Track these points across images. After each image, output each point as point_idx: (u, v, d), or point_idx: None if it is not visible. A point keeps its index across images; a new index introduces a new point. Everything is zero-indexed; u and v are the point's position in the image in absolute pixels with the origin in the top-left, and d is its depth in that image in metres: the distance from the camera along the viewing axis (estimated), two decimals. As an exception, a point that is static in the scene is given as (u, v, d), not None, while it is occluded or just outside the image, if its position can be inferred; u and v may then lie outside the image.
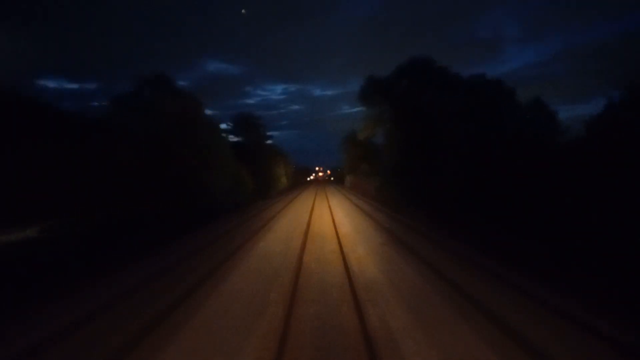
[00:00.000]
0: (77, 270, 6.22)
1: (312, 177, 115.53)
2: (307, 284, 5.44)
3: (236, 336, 3.65)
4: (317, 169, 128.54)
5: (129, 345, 3.51)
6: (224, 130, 22.49)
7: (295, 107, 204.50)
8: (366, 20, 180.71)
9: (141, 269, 6.48)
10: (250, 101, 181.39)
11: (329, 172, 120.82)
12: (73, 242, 7.64)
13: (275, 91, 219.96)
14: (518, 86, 17.11)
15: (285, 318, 4.08)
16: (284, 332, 3.72)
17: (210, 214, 13.29)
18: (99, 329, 3.90)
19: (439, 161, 15.40)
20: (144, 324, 3.97)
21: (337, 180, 73.91)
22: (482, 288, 5.08)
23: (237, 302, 4.67)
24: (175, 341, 3.56)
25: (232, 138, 22.90)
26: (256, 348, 3.40)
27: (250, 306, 4.50)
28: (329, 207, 17.26)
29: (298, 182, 55.88)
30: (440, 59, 17.73)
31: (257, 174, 21.83)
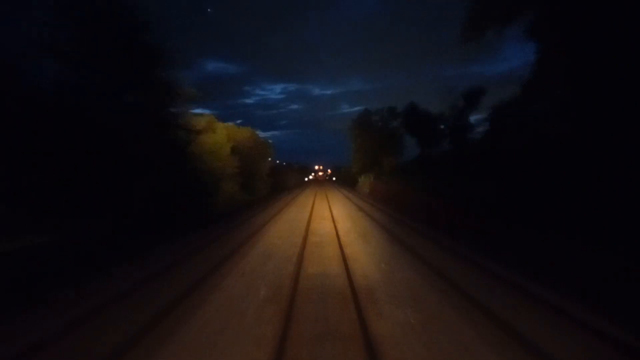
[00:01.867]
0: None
1: (311, 177, 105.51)
2: None
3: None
4: (316, 167, 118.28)
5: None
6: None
7: (295, 106, 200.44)
8: (366, 20, 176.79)
9: None
10: (249, 101, 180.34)
11: (329, 171, 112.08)
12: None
13: (275, 90, 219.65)
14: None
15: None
16: None
17: None
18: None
19: None
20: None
21: (342, 180, 58.53)
22: None
23: None
24: None
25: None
26: None
27: None
28: None
29: (288, 185, 40.51)
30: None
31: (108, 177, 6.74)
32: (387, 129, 33.32)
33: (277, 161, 65.63)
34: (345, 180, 51.67)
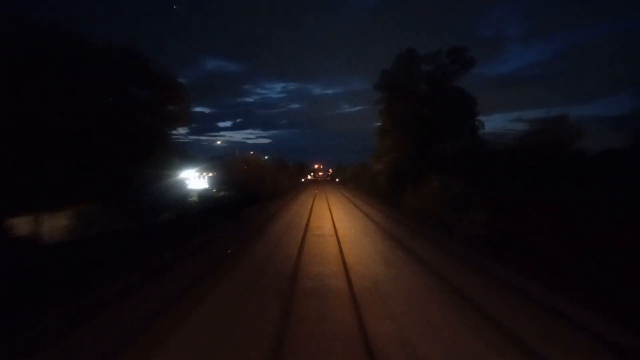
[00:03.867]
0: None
1: (310, 177, 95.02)
2: None
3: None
4: (315, 166, 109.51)
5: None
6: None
7: (295, 105, 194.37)
8: (366, 19, 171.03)
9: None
10: (249, 99, 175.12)
11: (330, 170, 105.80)
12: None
13: (275, 89, 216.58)
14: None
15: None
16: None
17: None
18: None
19: None
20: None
21: (349, 183, 42.53)
22: None
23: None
24: None
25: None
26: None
27: None
28: None
29: (261, 198, 24.49)
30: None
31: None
32: (449, 87, 17.66)
33: (266, 157, 49.59)
34: (356, 184, 35.42)
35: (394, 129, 17.64)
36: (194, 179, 23.50)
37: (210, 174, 21.17)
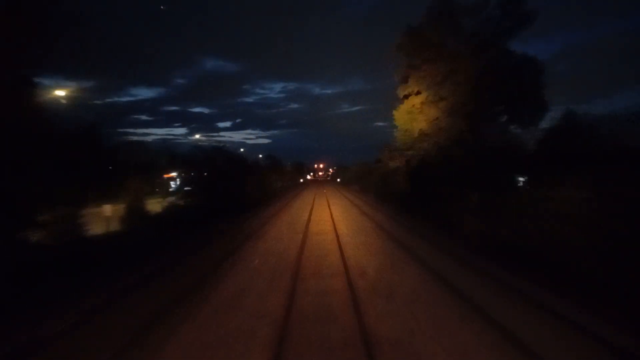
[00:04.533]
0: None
1: (310, 177, 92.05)
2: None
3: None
4: (315, 166, 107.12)
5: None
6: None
7: (295, 105, 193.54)
8: (366, 19, 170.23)
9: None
10: (249, 99, 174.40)
11: (331, 170, 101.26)
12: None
13: (274, 89, 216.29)
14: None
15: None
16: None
17: None
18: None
19: None
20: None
21: (355, 186, 37.22)
22: None
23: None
24: None
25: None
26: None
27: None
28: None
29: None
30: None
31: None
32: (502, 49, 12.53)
33: (260, 155, 43.82)
34: (362, 186, 29.99)
35: (433, 101, 12.55)
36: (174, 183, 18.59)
37: (172, 175, 16.07)
